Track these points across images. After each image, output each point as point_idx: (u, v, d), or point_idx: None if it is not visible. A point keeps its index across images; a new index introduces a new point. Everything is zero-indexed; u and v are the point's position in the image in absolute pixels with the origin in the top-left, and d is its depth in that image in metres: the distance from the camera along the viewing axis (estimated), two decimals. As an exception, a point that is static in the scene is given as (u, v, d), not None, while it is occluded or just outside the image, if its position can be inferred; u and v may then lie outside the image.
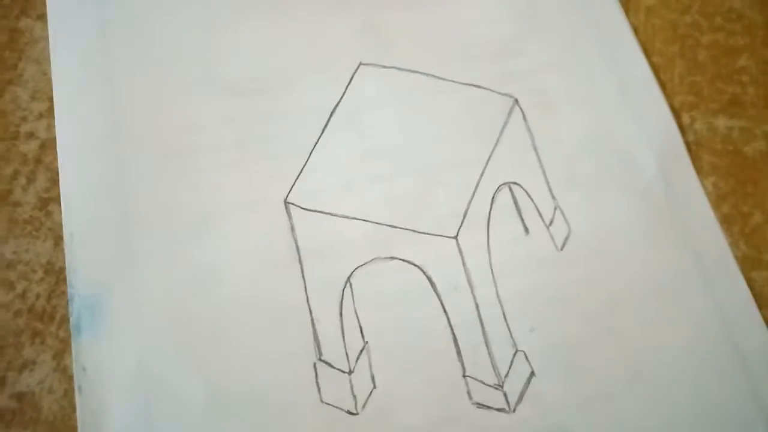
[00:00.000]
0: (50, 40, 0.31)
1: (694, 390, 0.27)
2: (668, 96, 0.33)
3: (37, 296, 0.27)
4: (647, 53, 0.34)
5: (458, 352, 0.28)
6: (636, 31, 0.34)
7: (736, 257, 0.30)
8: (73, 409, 0.25)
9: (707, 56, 0.34)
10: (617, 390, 0.27)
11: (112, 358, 0.26)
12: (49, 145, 0.30)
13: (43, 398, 0.26)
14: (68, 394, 0.26)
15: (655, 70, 0.33)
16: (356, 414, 0.26)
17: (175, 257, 0.28)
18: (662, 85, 0.33)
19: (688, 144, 0.32)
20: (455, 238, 0.29)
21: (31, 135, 0.30)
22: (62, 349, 0.26)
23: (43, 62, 0.31)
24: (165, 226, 0.28)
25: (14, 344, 0.26)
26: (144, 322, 0.27)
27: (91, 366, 0.26)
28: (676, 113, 0.32)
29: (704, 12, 0.35)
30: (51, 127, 0.30)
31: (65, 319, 0.27)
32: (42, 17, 0.32)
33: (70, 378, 0.26)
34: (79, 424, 0.25)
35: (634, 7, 0.35)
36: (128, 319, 0.27)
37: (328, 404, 0.26)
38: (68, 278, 0.27)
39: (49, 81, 0.31)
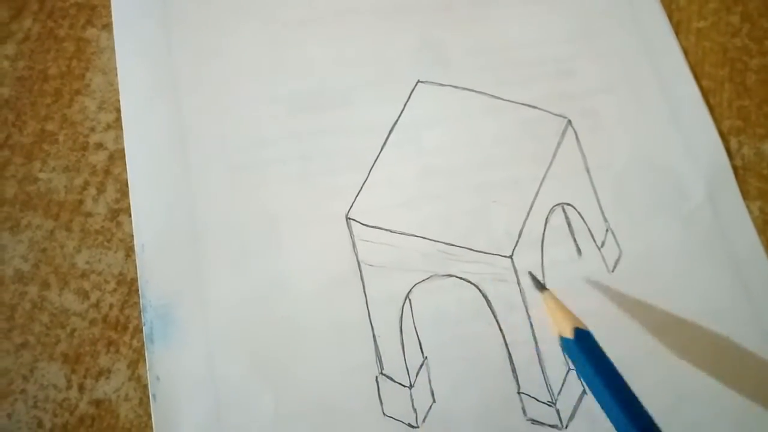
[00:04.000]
0: (116, 51, 0.32)
1: (738, 415, 0.29)
2: (717, 120, 0.34)
3: (111, 306, 0.28)
4: (697, 76, 0.34)
5: (513, 369, 0.29)
6: (686, 53, 0.35)
7: (780, 282, 0.31)
8: (149, 416, 0.26)
9: (756, 80, 0.35)
10: (662, 411, 0.28)
11: (184, 368, 0.27)
12: (117, 156, 0.30)
13: (120, 406, 0.27)
14: (143, 402, 0.27)
15: (705, 93, 0.34)
16: (417, 427, 0.28)
17: (242, 269, 0.29)
18: (711, 109, 0.34)
19: (735, 168, 0.33)
20: (510, 257, 0.30)
21: (99, 146, 0.31)
22: (136, 359, 0.27)
23: (109, 72, 0.32)
24: (232, 237, 0.29)
25: (90, 352, 0.27)
26: (214, 332, 0.28)
27: (165, 375, 0.27)
28: (724, 138, 0.33)
29: (753, 35, 0.36)
30: (119, 138, 0.31)
31: (138, 330, 0.28)
32: (107, 27, 0.32)
33: (144, 387, 0.27)
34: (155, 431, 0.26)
35: (685, 29, 0.35)
36: (198, 329, 0.28)
37: (390, 417, 0.28)
38: (140, 288, 0.28)
39: (115, 92, 0.31)
